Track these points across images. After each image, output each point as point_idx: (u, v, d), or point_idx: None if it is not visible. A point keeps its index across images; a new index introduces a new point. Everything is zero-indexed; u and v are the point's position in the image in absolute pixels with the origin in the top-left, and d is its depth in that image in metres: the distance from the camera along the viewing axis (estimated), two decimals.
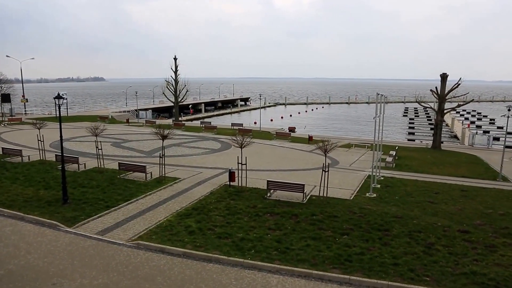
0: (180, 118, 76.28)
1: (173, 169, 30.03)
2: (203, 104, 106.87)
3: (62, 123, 22.93)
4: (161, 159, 26.98)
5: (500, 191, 28.05)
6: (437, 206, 23.68)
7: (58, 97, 21.70)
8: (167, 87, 70.29)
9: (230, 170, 25.70)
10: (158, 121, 67.80)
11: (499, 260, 16.27)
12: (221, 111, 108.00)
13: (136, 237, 17.74)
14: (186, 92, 71.35)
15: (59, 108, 22.00)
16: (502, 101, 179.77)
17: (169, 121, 69.95)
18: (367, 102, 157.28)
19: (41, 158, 31.82)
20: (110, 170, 28.87)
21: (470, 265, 15.70)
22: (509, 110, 33.63)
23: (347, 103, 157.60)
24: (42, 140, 32.52)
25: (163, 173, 27.18)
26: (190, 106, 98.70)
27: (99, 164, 29.58)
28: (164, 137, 27.57)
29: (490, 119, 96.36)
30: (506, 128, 35.76)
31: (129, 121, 66.45)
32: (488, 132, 70.79)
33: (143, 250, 16.63)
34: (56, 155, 30.39)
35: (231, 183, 25.59)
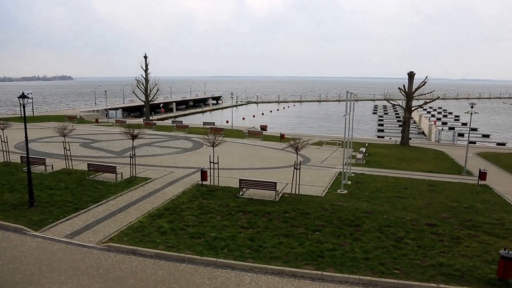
0: (151, 118, 75.34)
1: (144, 169, 29.66)
2: (174, 103, 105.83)
3: (27, 124, 22.28)
4: (131, 159, 26.59)
5: (464, 185, 29.00)
6: (406, 200, 24.29)
7: (23, 96, 21.03)
8: (137, 86, 69.25)
9: (202, 169, 25.59)
10: (129, 121, 66.77)
11: (464, 251, 16.85)
12: (193, 110, 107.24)
13: (107, 239, 17.43)
14: (157, 91, 70.54)
15: (24, 107, 21.32)
16: (466, 98, 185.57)
17: (140, 121, 68.99)
18: (337, 100, 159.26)
19: (5, 160, 30.77)
20: (79, 171, 28.24)
21: (438, 257, 16.21)
22: (472, 107, 34.75)
23: (318, 101, 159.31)
24: (6, 141, 31.47)
25: (134, 173, 26.81)
26: (161, 105, 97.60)
27: (68, 165, 28.86)
28: (134, 137, 27.17)
29: (455, 116, 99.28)
30: (470, 125, 37.00)
31: (99, 120, 65.16)
32: (453, 128, 72.91)
33: (114, 252, 16.36)
34: (21, 156, 29.46)
35: (203, 182, 25.49)
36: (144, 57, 69.24)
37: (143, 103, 73.10)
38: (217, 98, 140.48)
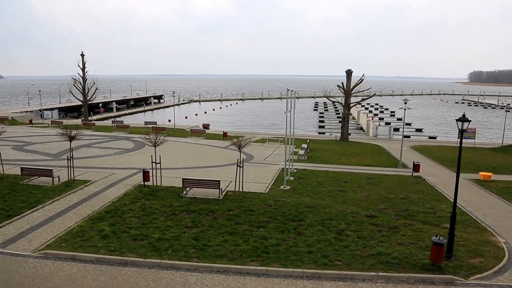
0: (90, 118, 72.55)
1: (83, 171, 28.57)
2: (114, 103, 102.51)
3: None
4: (69, 161, 25.49)
5: (400, 177, 30.51)
6: (347, 194, 25.17)
7: None
8: (74, 85, 66.33)
9: (144, 169, 25.03)
10: (66, 121, 63.95)
11: (401, 240, 17.77)
12: (134, 110, 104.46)
13: (44, 246, 16.60)
14: (96, 90, 67.98)
15: None
16: (400, 95, 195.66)
17: (78, 121, 66.27)
18: (279, 98, 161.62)
19: None
20: (11, 176, 26.61)
21: (377, 247, 16.97)
22: (405, 103, 36.62)
23: (260, 99, 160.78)
24: None
25: (72, 176, 25.71)
26: (100, 105, 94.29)
27: None
28: (71, 138, 26.04)
29: (391, 112, 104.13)
30: (404, 120, 38.99)
31: (33, 122, 61.85)
32: (389, 123, 76.35)
33: (51, 259, 15.62)
34: None
35: (146, 183, 24.95)
36: (81, 55, 66.54)
37: (81, 103, 70.26)
38: (159, 97, 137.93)
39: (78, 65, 66.38)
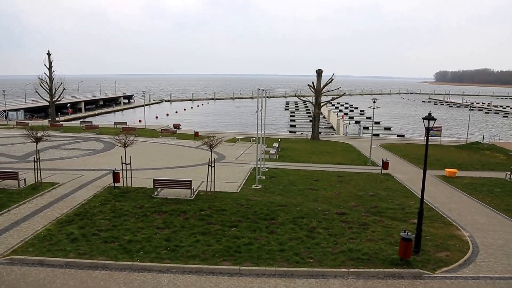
0: (57, 119, 70.74)
1: (51, 173, 27.85)
2: (83, 103, 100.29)
3: None
4: (35, 163, 24.81)
5: (370, 175, 31.12)
6: (318, 192, 25.50)
7: None
8: (40, 85, 64.45)
9: (114, 170, 24.64)
10: (32, 122, 62.16)
11: (371, 236, 18.16)
12: (103, 110, 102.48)
13: (9, 251, 16.10)
14: (63, 90, 66.25)
15: None
16: (370, 94, 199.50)
17: (45, 122, 64.51)
18: (251, 97, 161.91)
19: None
20: None
21: (347, 243, 17.28)
22: (374, 102, 37.37)
23: (232, 98, 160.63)
24: None
25: (39, 178, 25.02)
26: (68, 105, 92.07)
27: None
28: (38, 139, 25.34)
29: (361, 111, 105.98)
30: (373, 118, 39.73)
31: None
32: (359, 122, 77.66)
33: (18, 265, 15.17)
34: None
35: (116, 184, 24.57)
36: (48, 54, 64.72)
37: (48, 103, 68.38)
38: (128, 97, 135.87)
39: (45, 64, 64.58)
